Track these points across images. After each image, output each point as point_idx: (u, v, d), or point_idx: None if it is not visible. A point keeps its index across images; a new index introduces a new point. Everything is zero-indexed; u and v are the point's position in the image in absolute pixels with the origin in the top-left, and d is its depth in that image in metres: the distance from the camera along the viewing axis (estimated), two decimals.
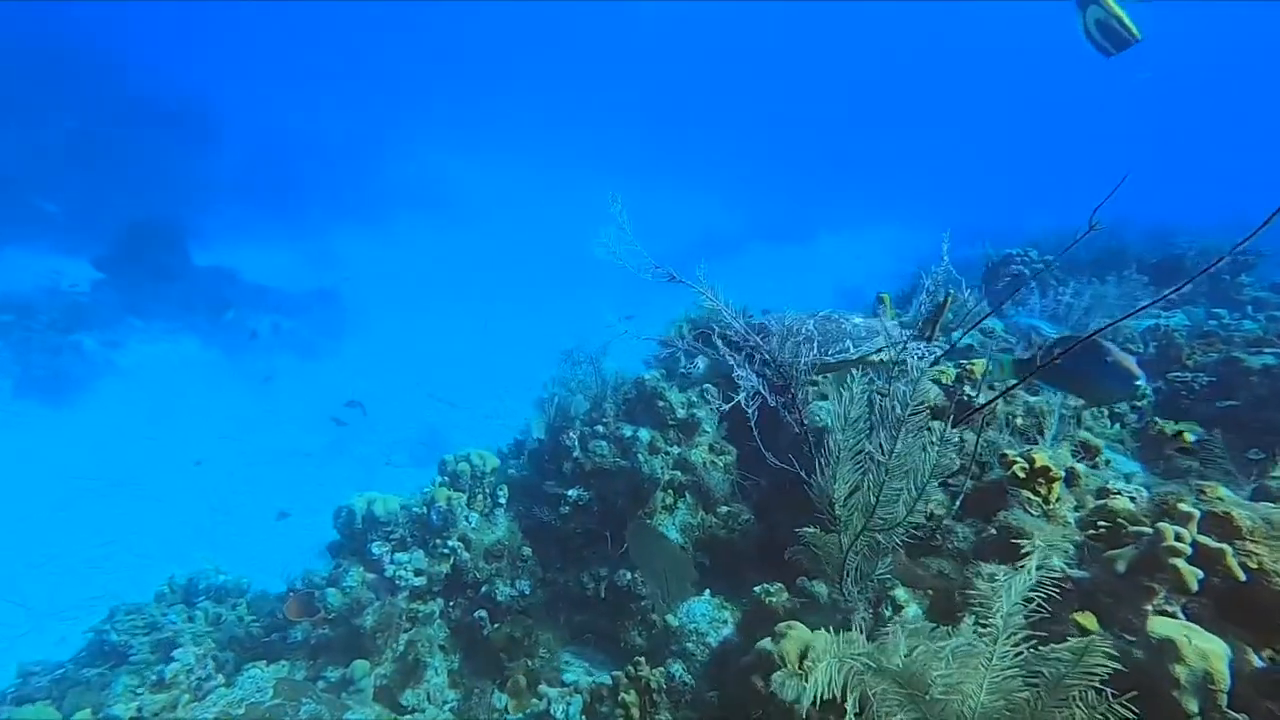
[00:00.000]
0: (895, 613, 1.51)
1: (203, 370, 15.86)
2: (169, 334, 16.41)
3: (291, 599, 3.03)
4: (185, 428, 13.57)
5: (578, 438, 3.39)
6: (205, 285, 17.94)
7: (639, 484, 3.09)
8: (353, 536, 3.19)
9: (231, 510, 10.50)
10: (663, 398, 3.27)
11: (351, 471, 13.09)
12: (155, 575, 8.45)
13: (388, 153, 31.78)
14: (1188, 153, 35.01)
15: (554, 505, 3.34)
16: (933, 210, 30.50)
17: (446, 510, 3.16)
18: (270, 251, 22.95)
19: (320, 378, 17.17)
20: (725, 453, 3.28)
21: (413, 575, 3.01)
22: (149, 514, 9.99)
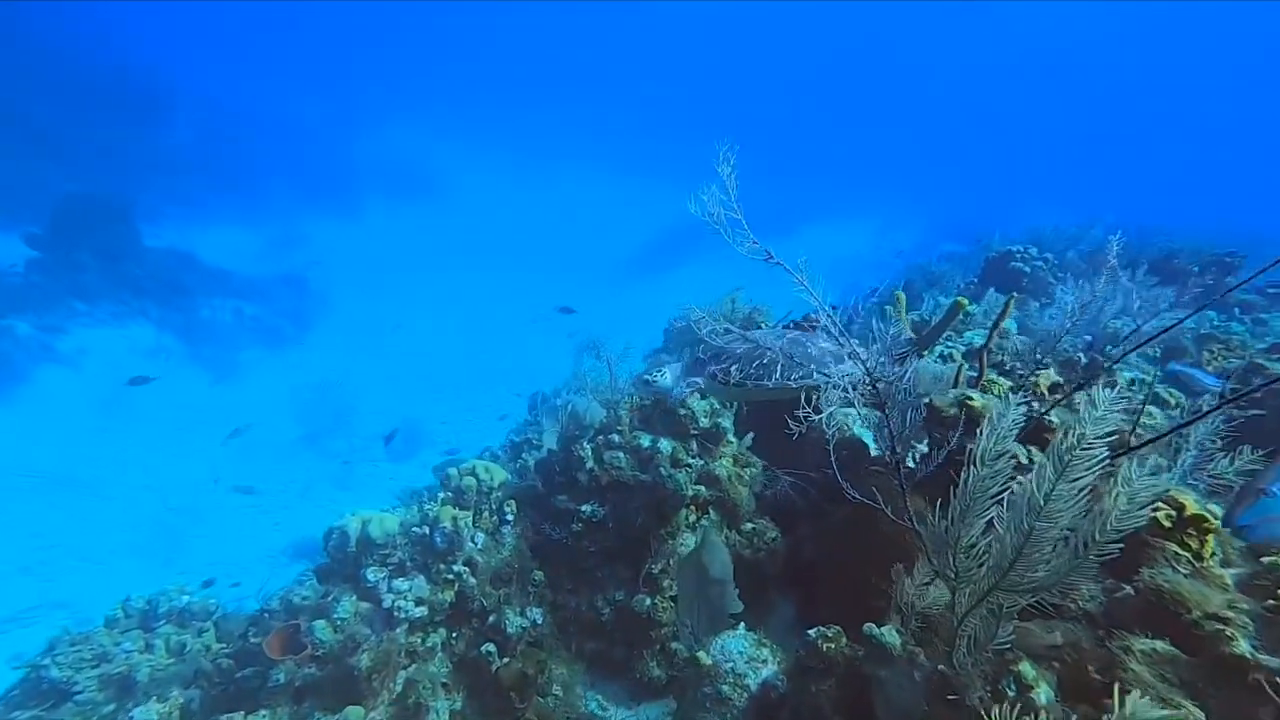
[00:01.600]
0: (1021, 693, 1.27)
1: (158, 358, 14.82)
2: (117, 318, 15.26)
3: (273, 635, 2.65)
4: (138, 420, 12.65)
5: (591, 448, 3.08)
6: (158, 268, 16.73)
7: (662, 500, 2.83)
8: (345, 560, 2.83)
9: (193, 510, 9.81)
10: (685, 405, 2.99)
11: (324, 466, 12.46)
12: (103, 581, 7.83)
13: (358, 135, 30.32)
14: (1147, 153, 36.28)
15: (565, 522, 3.04)
16: (911, 205, 30.97)
17: (452, 531, 2.83)
18: (230, 234, 21.62)
19: (288, 367, 16.30)
20: (750, 464, 3.03)
21: (413, 605, 2.68)
22: (96, 514, 9.24)
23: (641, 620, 2.86)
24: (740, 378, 2.55)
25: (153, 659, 3.17)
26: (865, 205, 32.10)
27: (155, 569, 8.56)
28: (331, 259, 21.78)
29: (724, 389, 2.65)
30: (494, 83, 39.46)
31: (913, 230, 27.60)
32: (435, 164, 31.06)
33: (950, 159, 36.50)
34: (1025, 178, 31.41)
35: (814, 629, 1.95)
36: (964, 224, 21.73)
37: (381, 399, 16.15)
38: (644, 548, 2.95)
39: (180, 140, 22.96)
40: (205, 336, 15.86)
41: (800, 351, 2.50)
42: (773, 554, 2.92)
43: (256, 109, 26.25)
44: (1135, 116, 37.59)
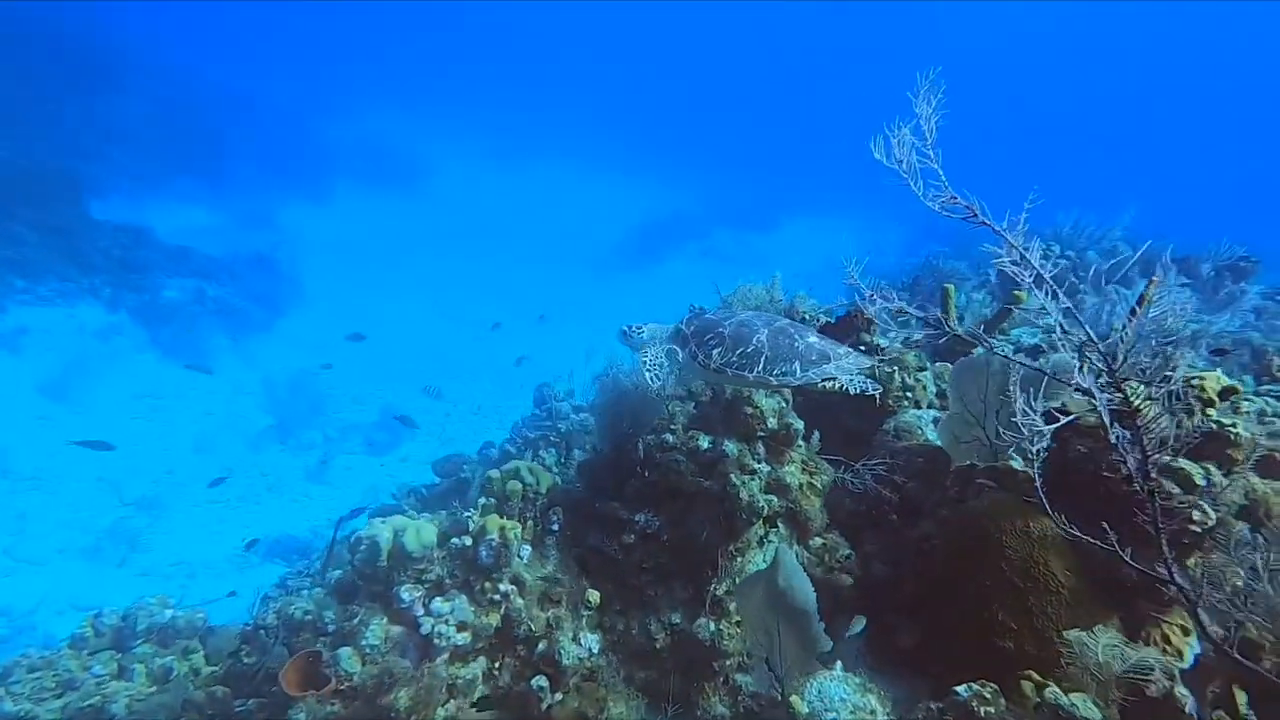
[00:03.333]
0: None
1: (108, 339, 13.69)
2: (63, 297, 14.03)
3: (290, 666, 2.25)
4: (87, 406, 11.63)
5: (643, 450, 2.76)
6: (109, 243, 15.47)
7: (731, 511, 2.53)
8: (373, 576, 2.43)
9: (151, 504, 9.04)
10: (750, 402, 2.71)
11: (296, 458, 11.73)
12: (46, 586, 7.06)
13: (327, 116, 28.86)
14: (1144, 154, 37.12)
15: (615, 532, 2.72)
16: (891, 204, 31.45)
17: (500, 544, 2.45)
18: (187, 212, 20.25)
19: (256, 352, 15.33)
20: (820, 471, 2.78)
21: (455, 631, 2.32)
22: (38, 510, 8.38)
23: (704, 648, 2.53)
24: (721, 363, 2.38)
25: (131, 687, 2.71)
26: (844, 202, 32.44)
27: (107, 571, 7.82)
28: (301, 242, 20.63)
29: (703, 371, 2.47)
30: (471, 74, 38.43)
31: (894, 229, 28.09)
32: (410, 151, 29.87)
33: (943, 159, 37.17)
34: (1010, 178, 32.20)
35: (964, 686, 1.64)
36: (945, 225, 22.11)
37: (358, 388, 15.39)
38: (705, 565, 2.63)
39: (133, 111, 21.28)
40: (163, 318, 14.73)
41: (786, 344, 2.35)
42: (847, 574, 2.62)
43: (218, 81, 24.63)
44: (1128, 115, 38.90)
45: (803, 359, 2.33)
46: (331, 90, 31.04)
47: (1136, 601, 1.77)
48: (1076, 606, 1.74)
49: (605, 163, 33.87)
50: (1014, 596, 1.80)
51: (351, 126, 29.22)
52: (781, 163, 37.29)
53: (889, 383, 2.93)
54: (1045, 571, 1.76)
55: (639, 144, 36.18)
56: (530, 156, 33.67)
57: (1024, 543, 1.80)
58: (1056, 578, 1.76)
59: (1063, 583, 1.76)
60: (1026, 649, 1.78)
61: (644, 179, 32.87)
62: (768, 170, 35.91)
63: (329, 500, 10.89)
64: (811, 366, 2.32)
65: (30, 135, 17.15)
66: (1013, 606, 1.81)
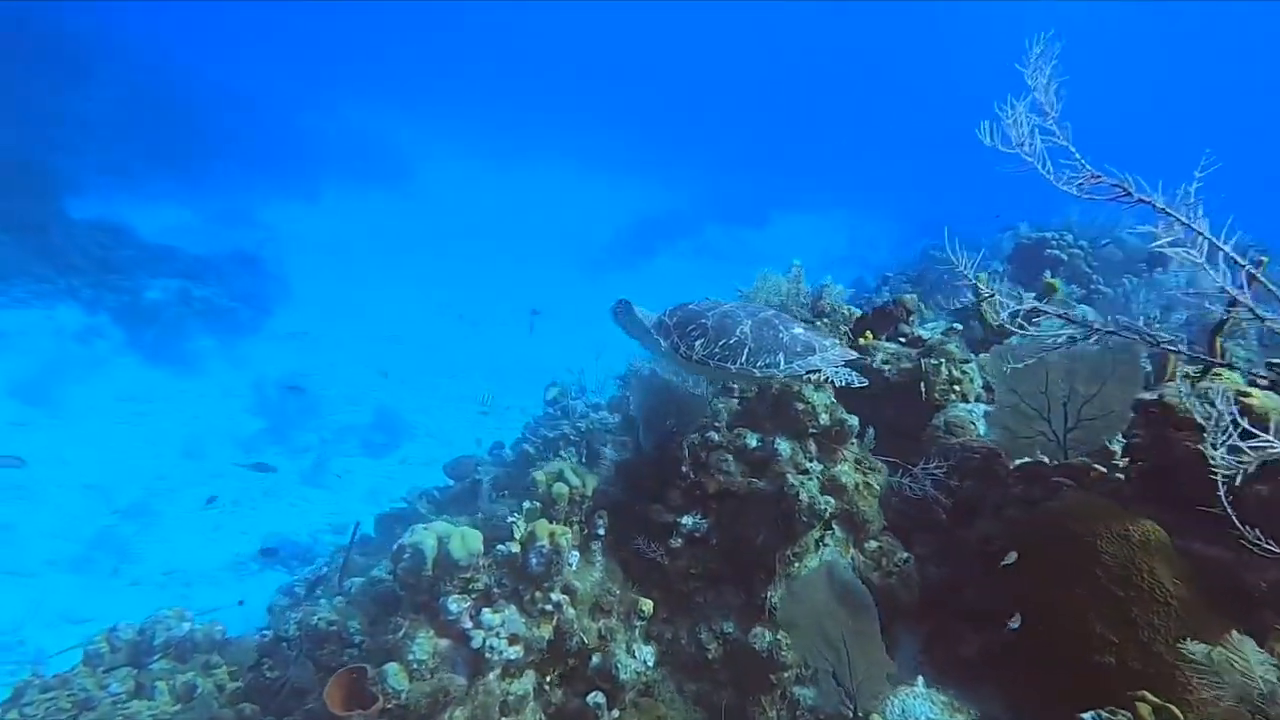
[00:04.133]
0: None
1: (88, 342, 13.24)
2: (40, 298, 13.53)
3: (334, 683, 2.12)
4: (69, 412, 11.23)
5: (688, 449, 2.68)
6: (87, 242, 14.95)
7: (790, 514, 2.41)
8: (417, 586, 2.30)
9: (143, 512, 8.74)
10: (802, 397, 2.64)
11: (291, 462, 11.44)
12: (35, 598, 6.75)
13: (312, 108, 28.20)
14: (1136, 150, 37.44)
15: (660, 536, 2.64)
16: (879, 200, 31.67)
17: (551, 551, 2.33)
18: (166, 210, 19.66)
19: (244, 353, 14.94)
20: (874, 469, 2.70)
21: (507, 645, 2.20)
22: (23, 519, 8.04)
23: (759, 660, 2.42)
24: (703, 355, 2.31)
25: (154, 706, 2.57)
26: (834, 198, 32.59)
27: (99, 582, 7.54)
28: (287, 241, 20.16)
29: (684, 363, 2.42)
30: (458, 70, 37.84)
31: (883, 223, 28.32)
32: (397, 149, 29.38)
33: (919, 154, 37.58)
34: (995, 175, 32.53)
35: (1090, 713, 1.50)
36: (936, 218, 22.32)
37: (352, 389, 15.09)
38: (758, 570, 2.54)
39: (105, 103, 20.52)
40: (146, 320, 14.28)
41: (770, 336, 2.29)
42: (905, 579, 2.52)
43: (195, 74, 23.85)
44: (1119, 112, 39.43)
45: (787, 350, 2.27)
46: (315, 84, 30.37)
47: (1260, 613, 1.62)
48: (1188, 618, 1.60)
49: (594, 160, 33.65)
50: (1113, 607, 1.65)
51: (337, 122, 28.64)
52: (771, 159, 37.39)
53: (935, 375, 2.88)
54: (1151, 580, 1.62)
55: (628, 141, 36.01)
56: (519, 155, 33.34)
57: (1123, 548, 1.66)
58: (1164, 587, 1.62)
59: (1171, 592, 1.62)
60: (1130, 664, 1.63)
61: (634, 176, 32.73)
62: (758, 166, 35.98)
63: (327, 504, 10.65)
64: (796, 358, 2.26)
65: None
66: (1112, 618, 1.66)
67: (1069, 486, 1.98)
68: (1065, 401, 2.08)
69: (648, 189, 32.03)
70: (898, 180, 34.24)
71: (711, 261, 28.27)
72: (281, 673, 3.29)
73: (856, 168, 36.18)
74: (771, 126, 41.43)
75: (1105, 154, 1.49)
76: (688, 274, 27.46)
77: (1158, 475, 1.72)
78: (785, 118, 42.11)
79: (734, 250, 29.31)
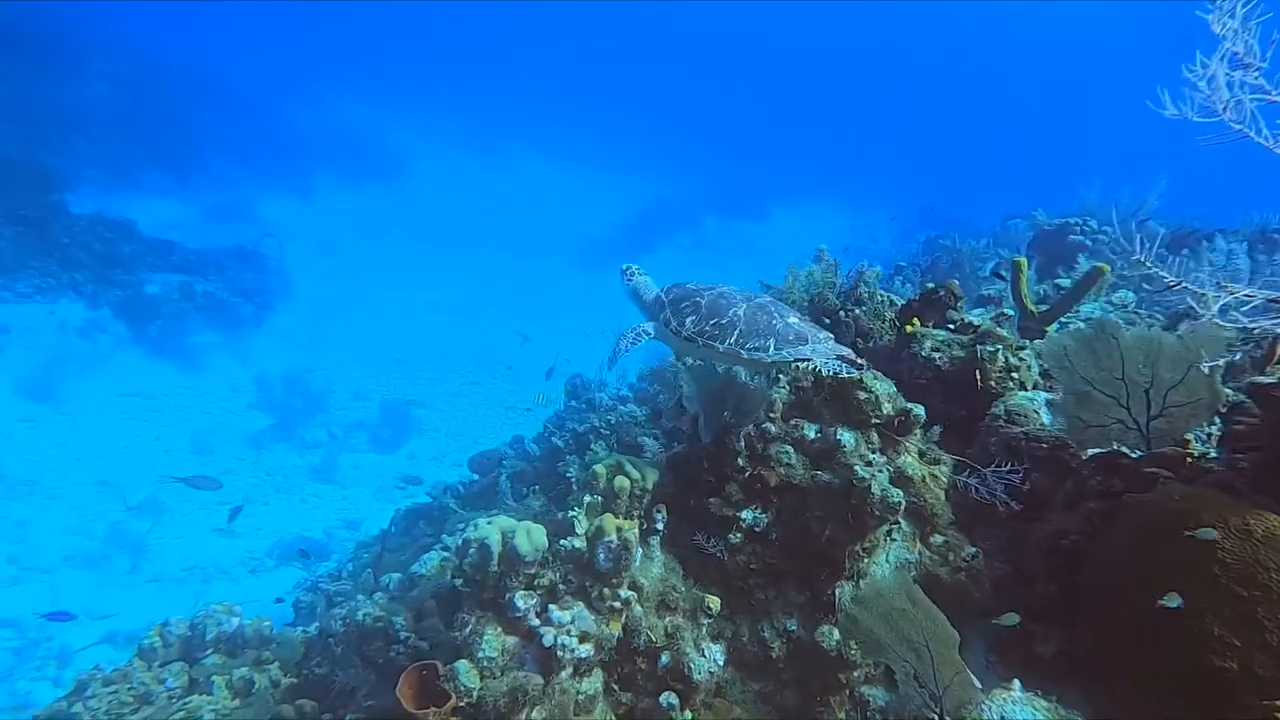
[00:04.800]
0: None
1: (91, 337, 13.12)
2: (42, 293, 13.39)
3: (405, 680, 2.09)
4: (75, 408, 11.14)
5: (744, 441, 2.65)
6: (89, 237, 14.78)
7: (861, 507, 2.35)
8: (483, 582, 2.26)
9: (157, 509, 8.68)
10: (864, 386, 2.61)
11: (301, 458, 11.40)
12: (55, 595, 6.73)
13: (304, 104, 27.86)
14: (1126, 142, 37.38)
15: (719, 531, 2.62)
16: (878, 191, 31.58)
17: (619, 547, 2.29)
18: (160, 205, 19.45)
19: (248, 348, 14.85)
20: (939, 461, 2.61)
21: (578, 643, 2.16)
22: (38, 516, 7.98)
23: (827, 659, 2.36)
24: (693, 331, 2.36)
25: (214, 701, 2.55)
26: (830, 190, 32.48)
27: (117, 578, 7.51)
28: (285, 237, 19.95)
29: (674, 339, 2.47)
30: (453, 65, 37.36)
31: (879, 215, 28.24)
32: (392, 144, 29.11)
33: (913, 144, 37.48)
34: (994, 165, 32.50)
35: None
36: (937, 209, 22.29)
37: (357, 384, 15.04)
38: (822, 565, 2.49)
39: (95, 96, 20.21)
40: (149, 314, 14.15)
41: (764, 320, 2.34)
42: (974, 575, 2.46)
43: (186, 70, 23.42)
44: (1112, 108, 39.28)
45: (779, 337, 2.29)
46: (307, 80, 29.95)
47: None
48: None
49: (592, 154, 33.43)
50: (1234, 607, 1.55)
51: (330, 117, 28.32)
52: (769, 151, 37.22)
53: (991, 362, 2.86)
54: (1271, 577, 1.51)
55: (626, 135, 35.78)
56: (514, 150, 33.10)
57: (1245, 544, 1.55)
58: None
59: None
60: (1256, 670, 1.52)
61: (632, 170, 32.54)
62: (756, 159, 35.82)
63: (338, 500, 10.63)
64: (786, 345, 2.29)
65: None
66: (1233, 620, 1.56)
67: (1166, 478, 1.93)
68: (1148, 388, 2.05)
69: (646, 183, 31.89)
70: (893, 171, 34.16)
71: (711, 254, 28.22)
72: (330, 669, 3.28)
73: (852, 159, 36.07)
74: (768, 119, 41.27)
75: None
76: (688, 267, 27.33)
77: (1277, 465, 1.68)
78: (781, 110, 41.94)
79: (733, 243, 29.27)
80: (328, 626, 3.32)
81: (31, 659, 5.74)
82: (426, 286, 21.34)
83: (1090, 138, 36.12)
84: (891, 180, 32.09)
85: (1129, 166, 9.91)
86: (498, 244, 25.57)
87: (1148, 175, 7.15)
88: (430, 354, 17.66)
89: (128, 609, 6.83)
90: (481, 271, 23.35)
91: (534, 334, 16.29)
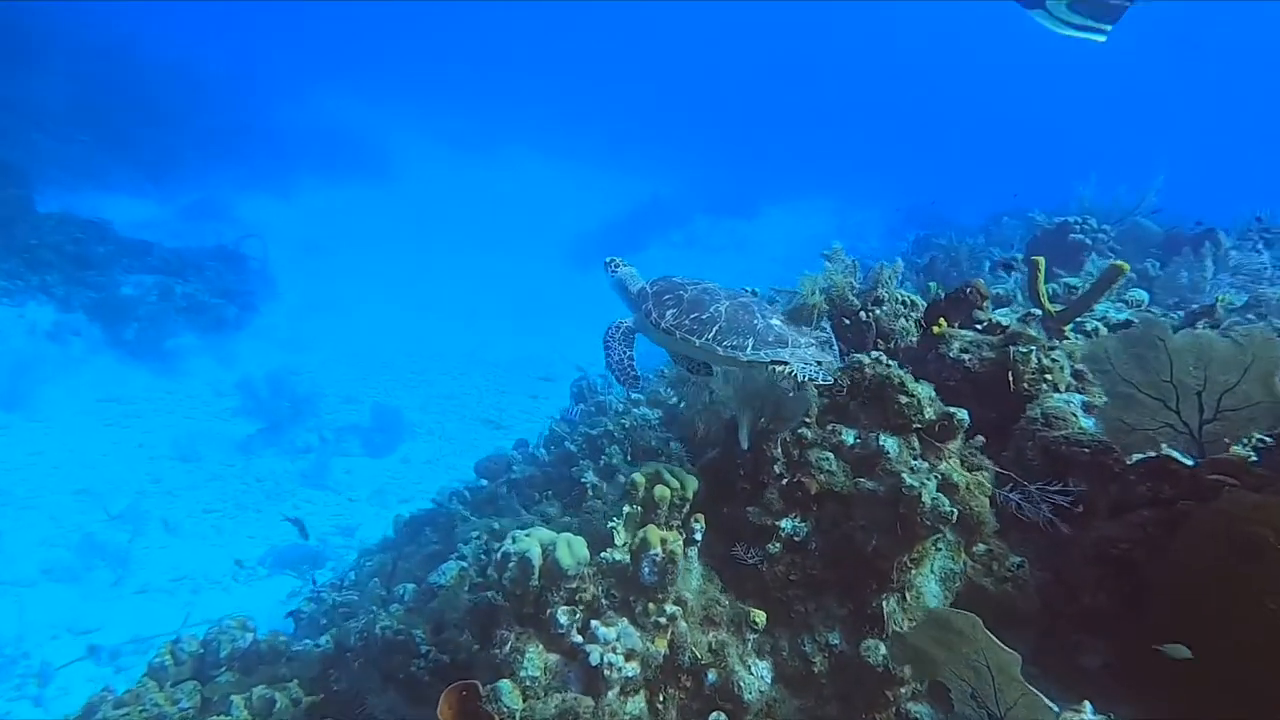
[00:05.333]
0: None
1: (63, 340, 12.63)
2: (9, 295, 12.84)
3: (445, 700, 2.00)
4: (48, 415, 10.70)
5: (781, 448, 2.59)
6: (59, 237, 14.23)
7: (910, 517, 2.27)
8: (523, 597, 2.17)
9: (141, 517, 8.37)
10: (904, 388, 2.58)
11: (291, 463, 11.10)
12: (35, 610, 6.42)
13: (279, 100, 27.15)
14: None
15: (756, 540, 2.51)
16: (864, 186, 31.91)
17: (665, 560, 2.20)
18: (133, 203, 18.84)
19: (232, 351, 14.44)
20: (981, 467, 2.54)
21: (624, 660, 2.06)
22: (13, 527, 7.62)
23: (874, 674, 2.28)
24: (672, 324, 2.37)
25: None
26: (816, 186, 32.73)
27: (101, 590, 7.22)
28: (267, 237, 19.44)
29: (653, 330, 2.48)
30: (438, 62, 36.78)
31: (871, 212, 28.56)
32: (376, 142, 28.56)
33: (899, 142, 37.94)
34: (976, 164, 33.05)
35: None
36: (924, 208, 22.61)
37: (346, 387, 14.72)
38: (867, 577, 2.42)
39: (59, 94, 19.42)
40: (124, 317, 13.66)
41: (745, 320, 2.34)
42: (1020, 586, 2.39)
43: (156, 63, 22.62)
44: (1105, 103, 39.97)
45: (757, 337, 2.29)
46: (284, 75, 29.18)
47: None
48: None
49: (580, 154, 33.20)
50: None
51: (309, 114, 27.66)
52: (759, 150, 37.38)
53: (1025, 363, 2.85)
54: None
55: (614, 134, 35.59)
56: (502, 149, 32.73)
57: None
58: None
59: None
60: None
61: (623, 168, 32.40)
62: (745, 156, 35.94)
63: (330, 506, 10.38)
64: (765, 346, 2.28)
65: None
66: None
67: (1231, 485, 1.86)
68: (1200, 391, 2.05)
69: (637, 181, 31.80)
70: (878, 168, 34.57)
71: (703, 253, 28.24)
72: (348, 684, 3.16)
73: (839, 158, 36.42)
74: (756, 117, 41.44)
75: None
76: (680, 265, 27.12)
77: None
78: (769, 108, 42.16)
79: (724, 241, 29.35)
80: (344, 640, 3.20)
81: (10, 677, 5.46)
82: (413, 286, 20.96)
83: (1073, 136, 37.00)
84: (877, 179, 32.47)
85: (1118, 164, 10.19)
86: (486, 242, 25.27)
87: (1138, 173, 7.28)
88: (419, 355, 17.36)
89: (112, 622, 6.56)
90: (469, 270, 23.04)
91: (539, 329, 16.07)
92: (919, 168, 33.98)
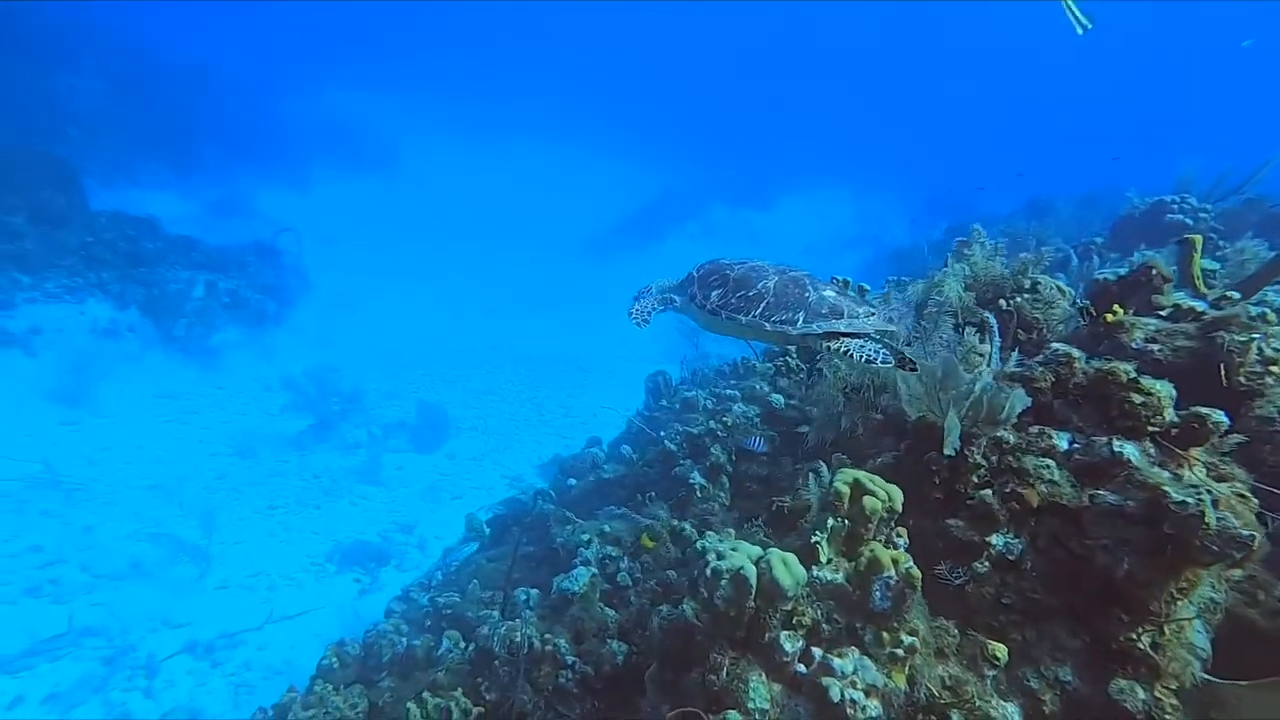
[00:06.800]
0: None
1: (120, 337, 12.88)
2: (71, 293, 13.13)
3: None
4: (112, 410, 10.91)
5: (981, 453, 2.40)
6: (112, 235, 14.50)
7: (1185, 538, 1.92)
8: (736, 619, 2.02)
9: (212, 513, 8.47)
10: (1138, 386, 2.28)
11: (344, 459, 11.18)
12: (130, 602, 6.55)
13: (293, 94, 27.35)
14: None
15: (960, 558, 2.28)
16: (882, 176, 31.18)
17: (900, 584, 1.99)
18: (163, 199, 19.12)
19: (273, 346, 14.61)
20: (1233, 477, 2.24)
21: (864, 697, 1.87)
22: (99, 521, 7.77)
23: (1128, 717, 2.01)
24: (718, 304, 2.28)
25: None
26: (834, 175, 32.12)
27: (187, 584, 7.31)
28: (298, 228, 19.62)
29: (700, 313, 2.37)
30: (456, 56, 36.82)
31: (891, 203, 27.88)
32: (389, 136, 28.63)
33: (916, 131, 37.03)
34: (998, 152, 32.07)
35: None
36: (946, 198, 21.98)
37: (385, 382, 14.81)
38: (1106, 605, 2.15)
39: (91, 93, 19.77)
40: (173, 313, 13.89)
41: (795, 294, 2.21)
42: None
43: (178, 63, 22.91)
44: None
45: (810, 310, 2.16)
46: (297, 70, 29.41)
47: None
48: None
49: (597, 145, 33.05)
50: None
51: (327, 108, 27.87)
52: (773, 139, 36.79)
53: (1243, 354, 2.59)
54: None
55: (631, 125, 35.38)
56: (519, 141, 32.69)
57: None
58: None
59: None
60: None
61: (639, 160, 32.15)
62: (761, 147, 35.41)
63: (386, 502, 10.43)
64: (818, 319, 2.15)
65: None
66: None
67: None
68: None
69: (653, 173, 31.53)
70: (897, 157, 33.80)
71: (720, 243, 27.88)
72: (500, 694, 3.08)
73: (855, 146, 35.65)
74: (771, 107, 40.78)
75: None
76: (697, 256, 26.91)
77: None
78: (784, 98, 41.46)
79: (741, 231, 28.96)
80: (487, 647, 3.12)
81: (121, 668, 5.56)
82: (433, 279, 21.00)
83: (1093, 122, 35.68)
84: (891, 167, 31.76)
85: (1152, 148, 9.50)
86: (504, 235, 25.31)
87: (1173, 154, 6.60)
88: (450, 350, 17.40)
89: (201, 617, 6.65)
90: (486, 262, 23.07)
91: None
92: (931, 155, 33.09)
